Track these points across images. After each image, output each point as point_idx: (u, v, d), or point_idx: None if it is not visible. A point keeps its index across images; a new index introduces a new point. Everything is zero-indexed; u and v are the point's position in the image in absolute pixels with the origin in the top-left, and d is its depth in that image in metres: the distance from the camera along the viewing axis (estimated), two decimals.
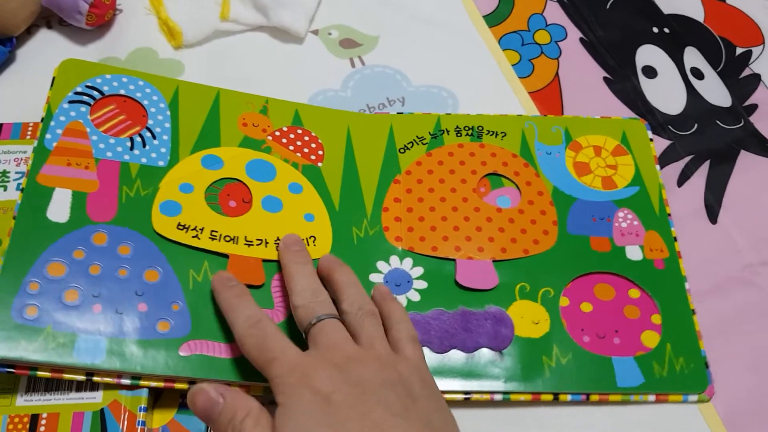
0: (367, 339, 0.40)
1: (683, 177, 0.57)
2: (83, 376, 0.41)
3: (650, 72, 0.63)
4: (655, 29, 0.65)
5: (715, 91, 0.61)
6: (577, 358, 0.47)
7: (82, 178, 0.46)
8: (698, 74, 0.62)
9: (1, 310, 0.41)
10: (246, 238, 0.47)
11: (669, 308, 0.49)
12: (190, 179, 0.48)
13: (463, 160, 0.54)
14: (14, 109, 0.54)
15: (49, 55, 0.58)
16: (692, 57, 0.63)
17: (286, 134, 0.52)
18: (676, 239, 0.52)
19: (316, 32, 0.62)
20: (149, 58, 0.59)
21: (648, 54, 0.64)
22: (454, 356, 0.46)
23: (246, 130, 0.52)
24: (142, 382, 0.42)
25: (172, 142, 0.50)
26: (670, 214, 0.53)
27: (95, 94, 0.50)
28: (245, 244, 0.47)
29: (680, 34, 0.64)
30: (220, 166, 0.50)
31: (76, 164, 0.47)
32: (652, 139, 0.57)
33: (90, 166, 0.47)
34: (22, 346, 0.40)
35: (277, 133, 0.52)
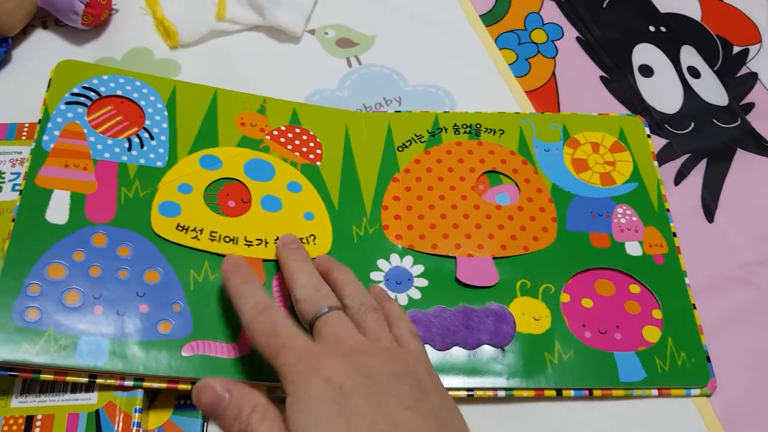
0: (372, 332, 0.39)
1: (680, 176, 0.57)
2: (86, 378, 0.41)
3: (647, 71, 0.63)
4: (652, 28, 0.65)
5: (712, 90, 0.62)
6: (579, 353, 0.47)
7: (80, 180, 0.46)
8: (695, 73, 0.62)
9: (2, 313, 0.41)
10: (246, 238, 0.47)
11: (669, 303, 0.49)
12: (188, 180, 0.48)
13: (462, 158, 0.54)
14: (10, 109, 0.54)
15: (45, 56, 0.58)
16: (689, 56, 0.63)
17: (284, 133, 0.52)
18: (675, 234, 0.52)
19: (312, 32, 0.62)
20: (145, 58, 0.59)
21: (645, 53, 0.64)
22: (456, 353, 0.46)
23: (244, 129, 0.52)
24: (145, 384, 0.42)
25: (170, 143, 0.49)
26: (668, 210, 0.53)
27: (92, 95, 0.50)
28: (245, 245, 0.47)
29: (677, 33, 0.65)
30: (219, 166, 0.49)
31: (74, 166, 0.47)
32: (649, 136, 0.57)
33: (88, 168, 0.47)
34: (24, 349, 0.40)
35: (275, 133, 0.52)
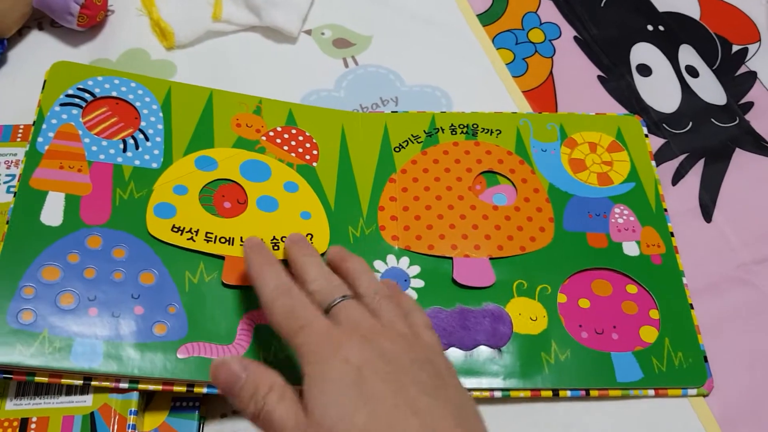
0: (388, 320, 0.39)
1: (678, 175, 0.57)
2: (81, 381, 0.41)
3: (645, 70, 0.62)
4: (650, 27, 0.65)
5: (710, 89, 0.61)
6: (576, 354, 0.47)
7: (75, 181, 0.46)
8: (693, 72, 0.62)
9: None
10: (242, 238, 0.47)
11: (667, 303, 0.49)
12: (184, 181, 0.48)
13: (459, 158, 0.53)
14: (6, 111, 0.54)
15: (40, 57, 0.58)
16: (687, 55, 0.63)
17: (280, 134, 0.52)
18: (672, 234, 0.52)
19: (309, 32, 0.62)
20: (141, 60, 0.59)
21: (642, 52, 0.63)
22: (453, 354, 0.46)
23: (240, 130, 0.51)
24: (140, 386, 0.42)
25: (165, 144, 0.49)
26: (666, 210, 0.53)
27: (87, 96, 0.49)
28: (241, 245, 0.46)
29: (675, 32, 0.64)
30: (214, 167, 0.49)
31: (68, 167, 0.46)
32: (647, 135, 0.57)
33: (83, 169, 0.47)
34: (18, 351, 0.40)
35: (271, 134, 0.52)
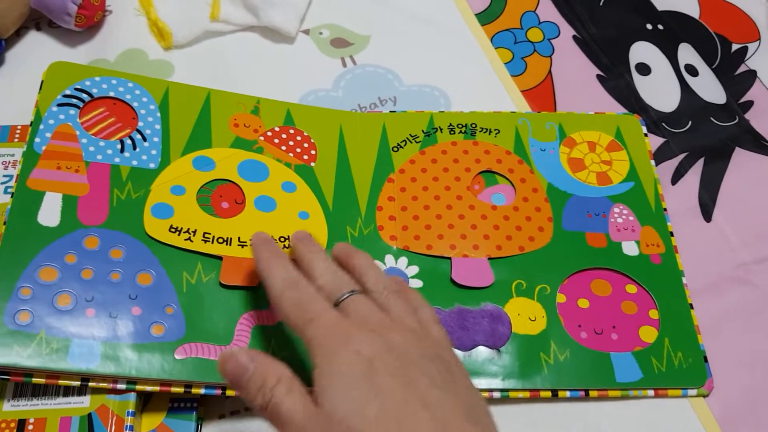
0: (397, 315, 0.39)
1: (677, 175, 0.57)
2: (78, 382, 0.41)
3: (644, 69, 0.62)
4: (649, 26, 0.65)
5: (710, 88, 0.61)
6: (575, 354, 0.46)
7: (72, 182, 0.46)
8: (692, 71, 0.62)
9: None
10: (239, 238, 0.47)
11: (666, 303, 0.49)
12: (181, 181, 0.48)
13: (457, 158, 0.53)
14: (3, 111, 0.54)
15: (38, 57, 0.57)
16: (686, 54, 0.63)
17: (278, 134, 0.52)
18: (672, 234, 0.52)
19: (307, 32, 0.62)
20: (139, 60, 0.58)
21: (642, 51, 0.63)
22: None
23: (237, 130, 0.51)
24: (138, 387, 0.41)
25: (163, 144, 0.49)
26: (666, 209, 0.53)
27: (84, 96, 0.49)
28: (239, 245, 0.46)
29: (674, 31, 0.64)
30: (212, 168, 0.49)
31: (66, 168, 0.46)
32: (646, 134, 0.57)
33: (80, 170, 0.47)
34: (16, 352, 0.40)
35: (269, 134, 0.52)
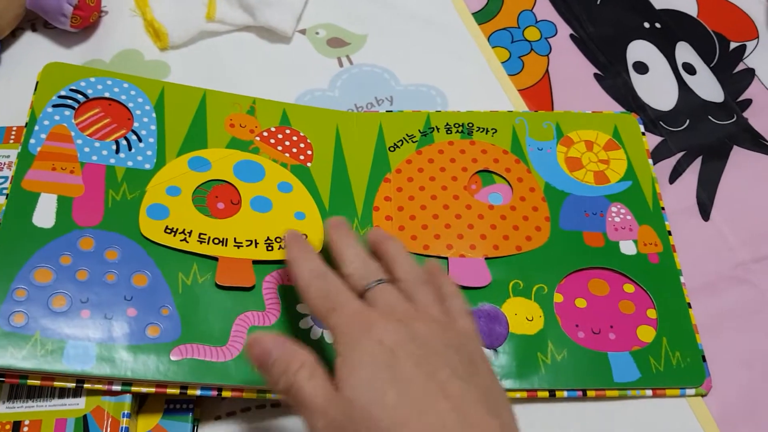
0: (423, 305, 0.39)
1: (675, 173, 0.57)
2: (73, 384, 0.41)
3: (641, 68, 0.62)
4: (647, 24, 0.65)
5: (707, 86, 0.61)
6: (573, 354, 0.46)
7: (67, 183, 0.46)
8: (690, 69, 0.62)
9: None
10: (235, 239, 0.46)
11: (664, 302, 0.49)
12: (177, 182, 0.48)
13: (454, 158, 0.53)
14: None
15: (34, 58, 0.57)
16: (684, 52, 0.63)
17: (274, 134, 0.52)
18: (670, 233, 0.52)
19: (303, 32, 0.62)
20: (135, 60, 0.58)
21: (639, 50, 0.63)
22: None
23: (233, 131, 0.51)
24: (134, 388, 0.41)
25: (158, 145, 0.49)
26: (663, 208, 0.53)
27: (79, 97, 0.49)
28: (234, 246, 0.46)
29: (672, 30, 0.64)
30: (208, 168, 0.49)
31: (61, 169, 0.46)
32: (644, 133, 0.57)
33: (75, 171, 0.46)
34: (10, 354, 0.40)
35: (265, 134, 0.52)
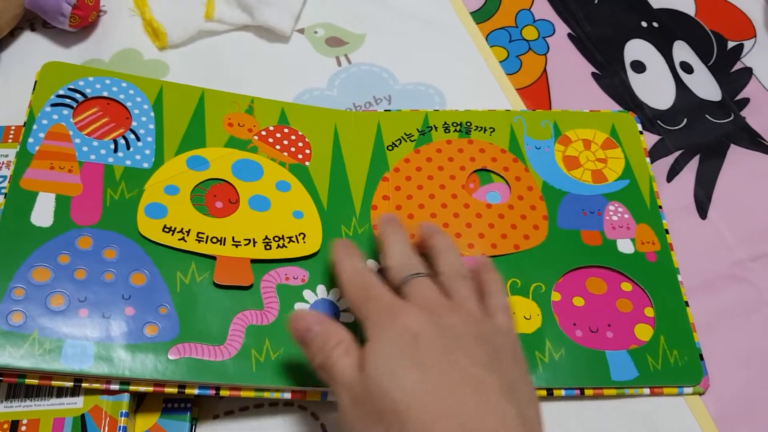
0: (460, 299, 0.40)
1: (673, 172, 0.57)
2: (71, 383, 0.41)
3: (639, 67, 0.62)
4: (644, 24, 0.65)
5: (705, 85, 0.61)
6: (570, 352, 0.46)
7: (65, 182, 0.46)
8: (688, 68, 0.62)
9: None
10: (233, 238, 0.46)
11: (662, 301, 0.49)
12: (175, 181, 0.48)
13: (452, 157, 0.53)
14: None
15: (32, 58, 0.57)
16: (682, 51, 0.63)
17: (273, 134, 0.52)
18: (667, 231, 0.52)
19: (301, 31, 0.62)
20: (134, 60, 0.58)
21: (637, 49, 0.63)
22: None
23: (232, 130, 0.51)
24: (132, 387, 0.41)
25: (157, 144, 0.49)
26: (661, 207, 0.53)
27: (78, 96, 0.49)
28: (233, 245, 0.46)
29: (670, 29, 0.64)
30: (206, 167, 0.49)
31: (59, 168, 0.46)
32: (641, 132, 0.57)
33: (73, 170, 0.46)
34: (8, 353, 0.40)
35: (264, 133, 0.52)
